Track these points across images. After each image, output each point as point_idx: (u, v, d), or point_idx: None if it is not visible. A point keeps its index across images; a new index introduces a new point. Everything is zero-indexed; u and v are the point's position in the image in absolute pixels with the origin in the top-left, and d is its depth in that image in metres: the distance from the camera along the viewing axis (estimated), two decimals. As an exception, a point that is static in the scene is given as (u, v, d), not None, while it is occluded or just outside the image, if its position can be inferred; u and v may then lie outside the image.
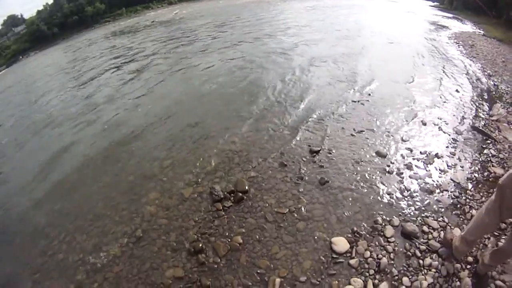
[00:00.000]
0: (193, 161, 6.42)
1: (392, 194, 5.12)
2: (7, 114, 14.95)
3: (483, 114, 8.12)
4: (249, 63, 13.32)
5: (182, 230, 4.62)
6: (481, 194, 5.18)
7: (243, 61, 13.87)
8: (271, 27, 20.91)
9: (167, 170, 6.23)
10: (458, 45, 14.63)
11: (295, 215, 4.65)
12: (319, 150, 6.39)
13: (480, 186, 5.41)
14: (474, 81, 10.44)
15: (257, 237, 4.35)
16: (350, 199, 5.06)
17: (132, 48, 22.62)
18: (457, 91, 9.33)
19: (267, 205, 4.89)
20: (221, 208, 4.91)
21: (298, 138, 6.93)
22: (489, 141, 6.82)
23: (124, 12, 48.97)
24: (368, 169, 5.80)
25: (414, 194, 5.12)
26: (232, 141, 7.03)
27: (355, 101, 8.61)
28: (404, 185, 5.31)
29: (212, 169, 6.05)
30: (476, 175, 5.69)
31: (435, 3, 30.90)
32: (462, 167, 5.88)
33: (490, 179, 5.58)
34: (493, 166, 5.97)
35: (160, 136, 8.11)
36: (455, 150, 6.37)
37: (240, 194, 5.08)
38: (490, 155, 6.31)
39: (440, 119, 7.56)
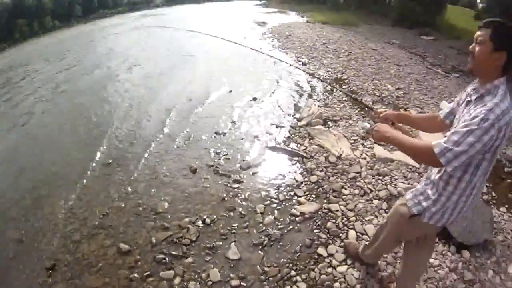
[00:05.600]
0: None
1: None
2: None
3: (289, 121, 5.99)
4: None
5: None
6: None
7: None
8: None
9: None
10: (272, 39, 13.31)
11: None
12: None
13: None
14: (283, 77, 8.51)
15: None
16: None
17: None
18: (254, 99, 7.03)
19: None
20: None
21: None
22: (295, 161, 4.66)
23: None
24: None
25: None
26: None
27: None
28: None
29: None
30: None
31: (262, 1, 31.22)
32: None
33: (297, 226, 3.51)
34: (299, 203, 3.82)
35: None
36: (225, 196, 4.04)
37: None
38: (294, 185, 4.14)
39: (218, 154, 5.03)
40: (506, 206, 3.92)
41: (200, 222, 3.72)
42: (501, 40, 1.52)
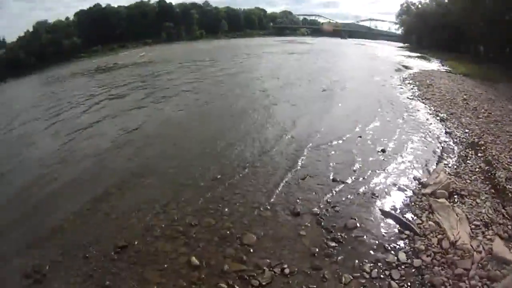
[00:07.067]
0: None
1: None
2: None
3: (413, 185, 5.61)
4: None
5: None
6: None
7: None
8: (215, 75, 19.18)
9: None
10: (413, 86, 12.90)
11: None
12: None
13: None
14: (418, 131, 8.17)
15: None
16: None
17: (95, 90, 19.37)
18: (382, 151, 6.86)
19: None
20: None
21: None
22: (405, 235, 4.26)
23: (100, 49, 50.75)
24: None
25: None
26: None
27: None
28: None
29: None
30: None
31: (406, 44, 30.81)
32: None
33: None
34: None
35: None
36: (317, 252, 3.96)
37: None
38: (393, 263, 3.75)
39: (328, 203, 4.99)
40: None
41: (278, 269, 3.66)
42: None
